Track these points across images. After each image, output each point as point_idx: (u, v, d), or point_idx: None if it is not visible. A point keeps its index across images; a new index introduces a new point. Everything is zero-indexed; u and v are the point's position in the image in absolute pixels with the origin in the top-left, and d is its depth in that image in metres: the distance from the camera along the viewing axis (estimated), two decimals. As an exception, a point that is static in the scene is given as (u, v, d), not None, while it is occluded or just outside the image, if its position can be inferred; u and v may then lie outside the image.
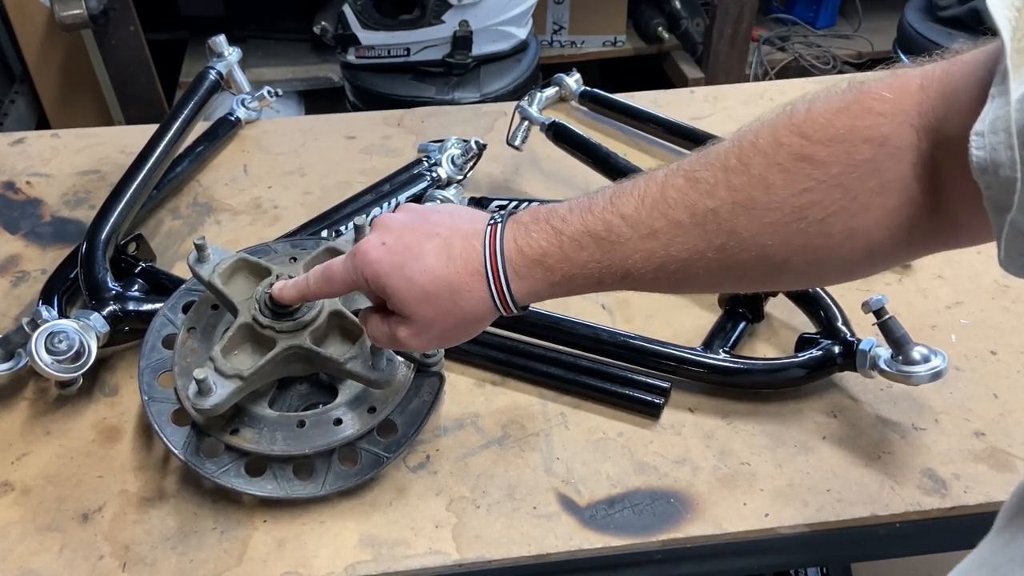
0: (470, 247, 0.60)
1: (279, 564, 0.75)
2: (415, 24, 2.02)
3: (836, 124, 0.51)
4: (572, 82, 1.35)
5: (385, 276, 0.61)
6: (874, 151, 0.51)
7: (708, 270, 0.57)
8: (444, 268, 0.60)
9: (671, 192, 0.56)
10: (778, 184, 0.52)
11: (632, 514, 0.78)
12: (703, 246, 0.55)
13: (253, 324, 0.73)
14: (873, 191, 0.51)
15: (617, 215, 0.57)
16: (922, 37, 2.23)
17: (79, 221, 1.14)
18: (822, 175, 0.51)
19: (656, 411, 0.86)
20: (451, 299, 0.60)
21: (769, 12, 2.93)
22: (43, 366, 0.79)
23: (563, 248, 0.58)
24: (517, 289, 0.60)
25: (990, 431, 0.85)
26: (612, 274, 0.58)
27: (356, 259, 0.63)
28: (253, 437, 0.76)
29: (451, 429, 0.86)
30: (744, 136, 0.55)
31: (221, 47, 1.25)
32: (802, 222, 0.52)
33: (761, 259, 0.55)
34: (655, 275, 0.58)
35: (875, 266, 0.56)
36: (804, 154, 0.52)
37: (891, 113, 0.51)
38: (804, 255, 0.54)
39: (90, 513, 0.79)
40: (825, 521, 0.78)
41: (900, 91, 0.51)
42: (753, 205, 0.53)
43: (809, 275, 0.57)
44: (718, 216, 0.54)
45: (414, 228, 0.62)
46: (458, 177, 1.14)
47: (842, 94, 0.53)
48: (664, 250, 0.56)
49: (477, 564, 0.75)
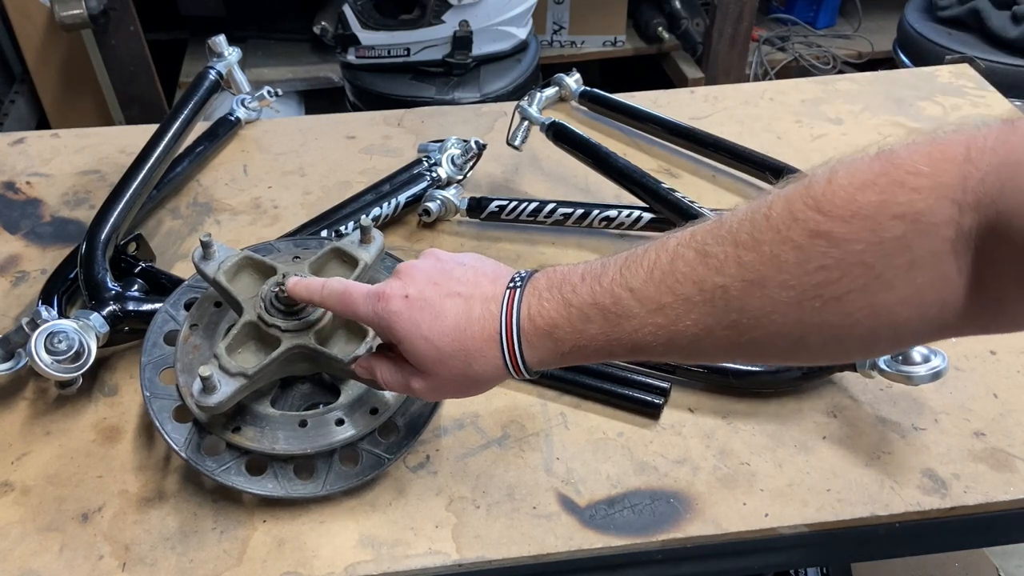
0: (488, 312, 0.61)
1: (279, 564, 0.75)
2: (415, 24, 2.02)
3: (859, 200, 0.47)
4: (572, 82, 1.35)
5: (403, 331, 0.62)
6: (904, 228, 0.46)
7: (720, 346, 0.55)
8: (462, 332, 0.61)
9: (680, 265, 0.54)
10: (791, 262, 0.49)
11: (632, 514, 0.78)
12: (712, 323, 0.53)
13: (258, 322, 0.73)
14: (900, 268, 0.47)
15: (625, 288, 0.56)
16: (922, 37, 2.23)
17: (79, 221, 1.14)
18: (840, 253, 0.48)
19: (656, 411, 0.87)
20: (466, 362, 0.61)
21: (769, 12, 2.93)
22: (43, 366, 0.79)
23: (571, 320, 0.58)
24: (529, 357, 0.60)
25: (990, 431, 0.85)
26: (621, 346, 0.57)
27: (378, 304, 0.63)
28: (255, 436, 0.76)
29: (451, 429, 0.86)
30: (758, 208, 0.52)
31: (221, 47, 1.25)
32: (817, 300, 0.50)
33: (775, 337, 0.52)
34: (665, 349, 0.56)
35: (901, 344, 0.53)
36: (820, 230, 0.48)
37: (927, 188, 0.46)
38: (821, 333, 0.51)
39: (90, 513, 0.79)
40: (825, 521, 0.78)
41: (940, 162, 0.46)
42: (764, 283, 0.51)
43: (829, 352, 0.54)
44: (727, 293, 0.52)
45: (436, 283, 0.62)
46: (458, 177, 1.14)
47: (868, 164, 0.49)
48: (673, 325, 0.55)
49: (477, 564, 0.75)
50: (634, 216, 1.06)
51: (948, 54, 1.77)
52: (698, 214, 1.01)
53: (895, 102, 1.36)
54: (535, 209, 1.08)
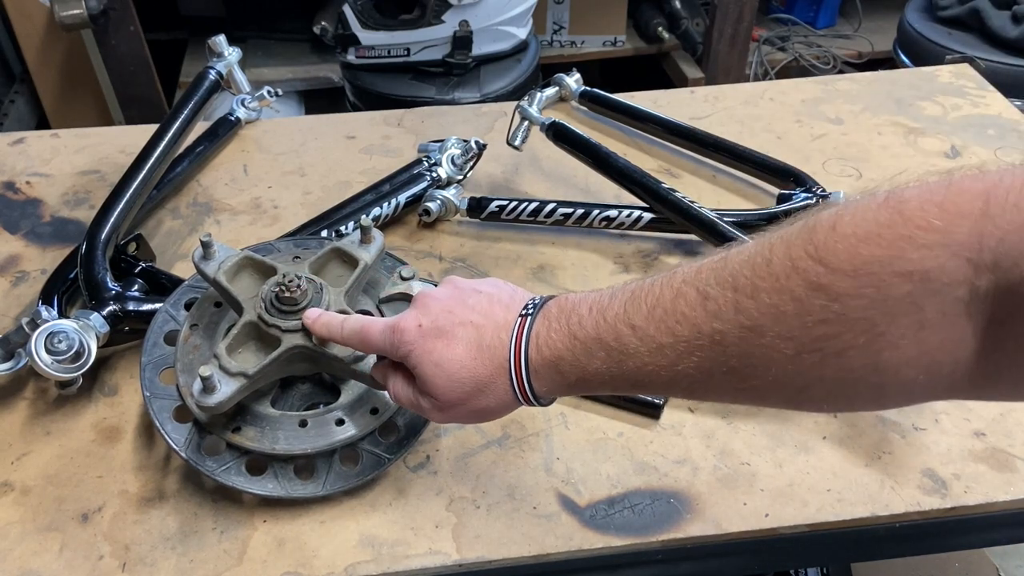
0: (498, 341, 0.61)
1: (279, 564, 0.75)
2: (415, 24, 2.02)
3: (863, 253, 0.44)
4: (572, 82, 1.35)
5: (416, 358, 0.63)
6: (912, 287, 0.43)
7: (721, 390, 0.53)
8: (473, 360, 0.61)
9: (682, 305, 0.52)
10: (790, 313, 0.47)
11: (632, 514, 0.78)
12: (711, 367, 0.52)
13: (258, 322, 0.73)
14: (907, 327, 0.44)
15: (628, 325, 0.55)
16: (922, 37, 2.23)
17: (79, 221, 1.14)
18: (841, 308, 0.45)
19: (656, 411, 0.86)
20: (476, 389, 0.62)
21: (769, 12, 2.93)
22: (43, 366, 0.79)
23: (575, 353, 0.58)
24: (538, 388, 0.61)
25: (990, 431, 0.85)
26: (625, 381, 0.57)
27: (394, 336, 0.64)
28: (255, 436, 0.76)
29: (451, 429, 0.86)
30: (761, 249, 0.49)
31: (221, 47, 1.25)
32: (816, 354, 0.47)
33: (776, 386, 0.50)
34: (667, 387, 0.56)
35: (911, 399, 0.50)
36: (820, 283, 0.45)
37: (939, 245, 0.42)
38: (823, 385, 0.49)
39: (90, 513, 0.79)
40: (825, 521, 0.78)
41: (954, 216, 0.42)
42: (762, 332, 0.48)
43: (833, 403, 0.52)
44: (725, 339, 0.50)
45: (451, 312, 0.63)
46: (458, 177, 1.14)
47: (875, 212, 0.45)
48: (673, 366, 0.53)
49: (477, 564, 0.75)
50: (634, 216, 1.06)
51: (948, 54, 1.76)
52: (698, 214, 1.01)
53: (895, 102, 1.36)
54: (535, 209, 1.08)
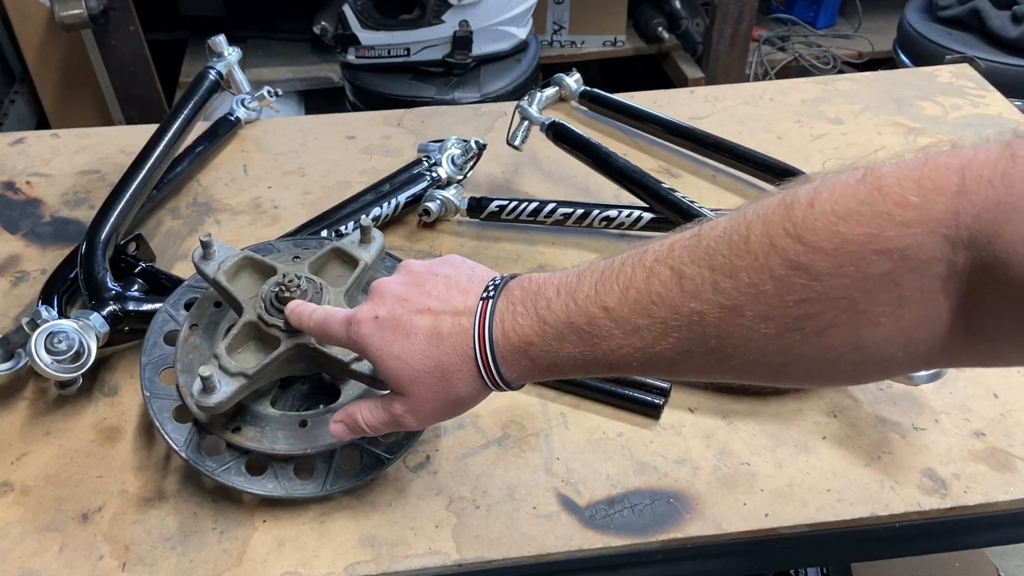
0: (459, 327, 0.59)
1: (279, 564, 0.75)
2: (415, 24, 2.02)
3: (842, 231, 0.43)
4: (572, 82, 1.35)
5: (376, 351, 0.61)
6: (891, 265, 0.43)
7: (700, 368, 0.52)
8: (434, 349, 0.59)
9: (656, 286, 0.51)
10: (769, 292, 0.46)
11: (632, 514, 0.78)
12: (690, 347, 0.51)
13: (258, 322, 0.73)
14: (887, 304, 0.44)
15: (600, 307, 0.53)
16: (922, 37, 2.23)
17: (79, 221, 1.14)
18: (821, 287, 0.45)
19: (656, 411, 0.86)
20: (443, 380, 0.59)
21: (769, 12, 2.94)
22: (43, 366, 0.79)
23: (546, 338, 0.56)
24: (507, 373, 0.59)
25: (990, 431, 0.85)
26: (598, 364, 0.55)
27: (351, 328, 0.63)
28: (255, 436, 0.76)
29: (451, 429, 0.86)
30: (737, 227, 0.48)
31: (221, 47, 1.25)
32: (797, 333, 0.47)
33: (756, 364, 0.50)
34: (643, 368, 0.54)
35: (890, 375, 0.50)
36: (800, 262, 0.45)
37: (917, 222, 0.42)
38: (804, 363, 0.48)
39: (90, 513, 0.79)
40: (825, 521, 0.78)
41: (931, 192, 0.42)
42: (742, 312, 0.47)
43: (814, 380, 0.51)
44: (704, 319, 0.49)
45: (406, 300, 0.61)
46: (458, 177, 1.14)
47: (853, 189, 0.44)
48: (650, 348, 0.52)
49: (477, 564, 0.75)
50: (634, 216, 1.06)
51: (948, 54, 1.76)
52: (698, 214, 1.01)
53: (895, 102, 1.36)
54: (535, 209, 1.08)
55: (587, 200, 1.10)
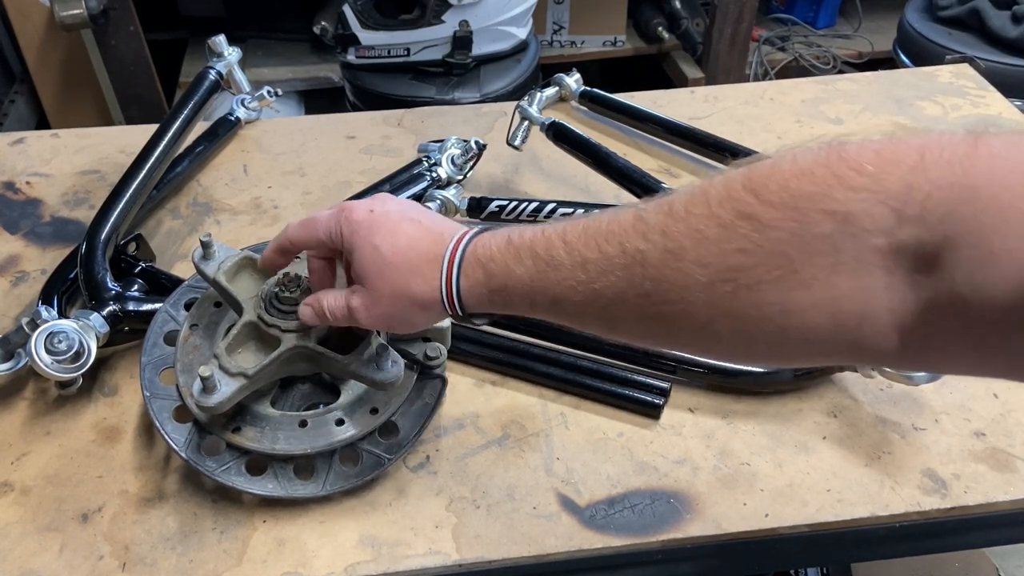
0: (440, 238, 0.63)
1: (279, 564, 0.75)
2: (415, 24, 2.02)
3: (792, 187, 0.44)
4: (572, 82, 1.35)
5: (358, 238, 0.64)
6: (834, 226, 0.43)
7: (633, 316, 0.53)
8: (410, 249, 0.63)
9: (615, 227, 0.53)
10: (712, 238, 0.47)
11: (632, 514, 0.78)
12: (627, 288, 0.52)
13: (258, 322, 0.73)
14: (821, 268, 0.44)
15: (561, 239, 0.56)
16: (922, 37, 2.23)
17: (79, 221, 1.14)
18: (761, 239, 0.45)
19: (656, 411, 0.87)
20: (405, 278, 0.63)
21: (769, 12, 2.94)
22: (43, 366, 0.79)
23: (506, 257, 0.59)
24: (463, 285, 0.61)
25: (990, 431, 0.85)
26: (543, 296, 0.57)
27: (342, 213, 0.66)
28: (255, 436, 0.76)
29: (451, 429, 0.86)
30: (704, 183, 0.50)
31: (221, 47, 1.25)
32: (729, 284, 0.47)
33: (684, 316, 0.50)
34: (581, 308, 0.56)
35: (812, 355, 0.50)
36: (748, 212, 0.46)
37: (867, 189, 0.42)
38: (730, 321, 0.49)
39: (90, 513, 0.79)
40: (825, 521, 0.78)
41: (887, 163, 0.42)
42: (682, 255, 0.49)
43: (737, 346, 0.51)
44: (646, 259, 0.50)
45: (402, 209, 0.66)
46: (458, 177, 1.14)
47: (815, 154, 0.45)
48: (592, 283, 0.54)
49: (477, 564, 0.75)
50: (634, 216, 1.06)
51: (948, 54, 1.76)
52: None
53: (895, 102, 1.36)
54: (535, 209, 1.08)
55: (587, 200, 1.10)
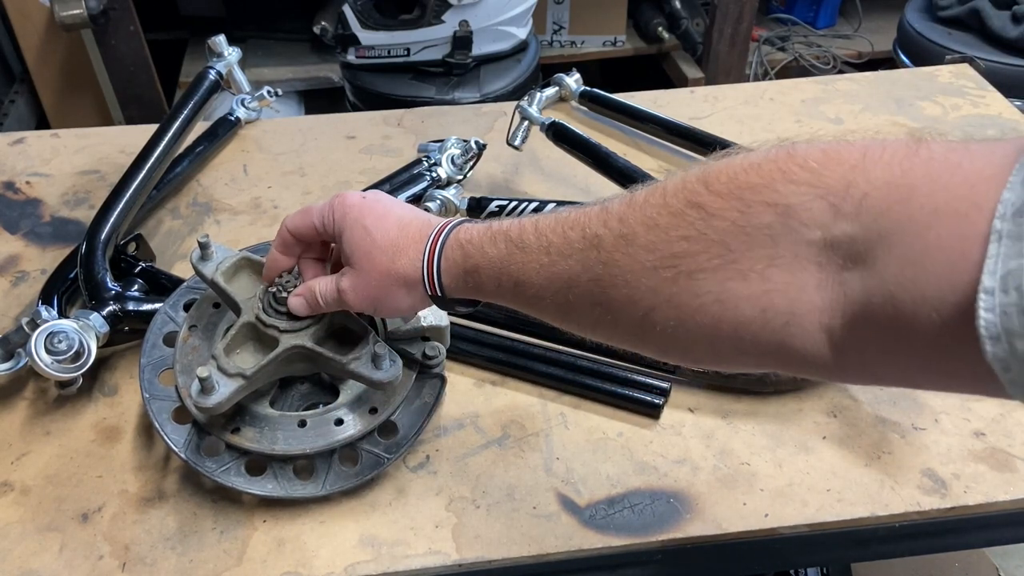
0: (427, 223, 0.67)
1: (279, 564, 0.75)
2: (415, 24, 2.02)
3: (740, 179, 0.47)
4: (572, 82, 1.35)
5: (350, 219, 0.67)
6: (773, 218, 0.45)
7: (583, 300, 0.55)
8: (399, 231, 0.66)
9: (580, 215, 0.56)
10: (661, 225, 0.50)
11: (632, 514, 0.78)
12: (580, 271, 0.55)
13: (256, 323, 0.73)
14: (758, 260, 0.46)
15: (533, 226, 0.59)
16: (922, 37, 2.23)
17: (79, 221, 1.14)
18: (704, 227, 0.47)
19: (656, 411, 0.87)
20: (392, 259, 0.66)
21: (769, 12, 2.93)
22: (43, 366, 0.79)
23: (482, 240, 0.62)
24: (443, 267, 0.64)
25: (990, 431, 0.85)
26: (508, 277, 0.60)
27: (336, 199, 0.69)
28: (254, 436, 0.76)
29: (451, 429, 0.86)
30: (667, 178, 0.53)
31: (221, 47, 1.25)
32: (671, 271, 0.49)
33: (628, 302, 0.52)
34: (538, 291, 0.58)
35: (742, 353, 0.50)
36: (697, 202, 0.48)
37: (807, 183, 0.44)
38: (668, 309, 0.50)
39: (90, 513, 0.79)
40: (825, 521, 0.78)
41: (830, 161, 0.44)
42: (633, 240, 0.51)
43: (677, 338, 0.52)
44: (601, 244, 0.53)
45: (393, 202, 0.69)
46: (458, 177, 1.14)
47: (767, 150, 0.47)
48: (551, 267, 0.56)
49: (477, 564, 0.75)
50: (634, 216, 1.06)
51: (948, 54, 1.76)
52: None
53: (895, 102, 1.36)
54: (535, 209, 1.08)
55: (587, 200, 1.10)
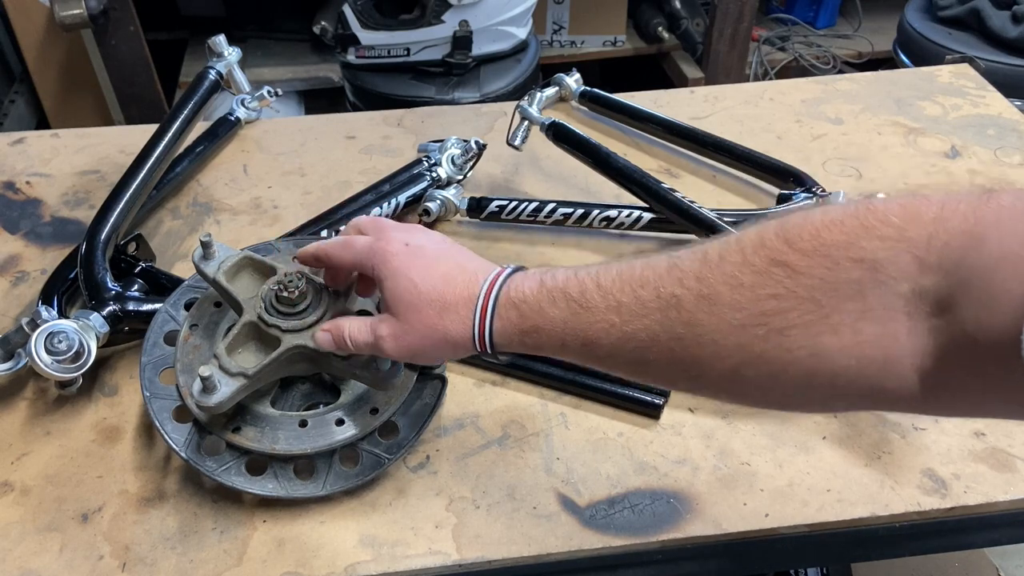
0: (473, 277, 0.64)
1: (279, 564, 0.75)
2: (415, 24, 2.02)
3: (824, 236, 0.48)
4: (572, 82, 1.35)
5: (393, 270, 0.65)
6: (862, 273, 0.46)
7: (663, 359, 0.55)
8: (447, 285, 0.63)
9: (648, 272, 0.55)
10: (746, 284, 0.50)
11: (632, 514, 0.78)
12: (660, 331, 0.54)
13: (258, 322, 0.73)
14: (850, 313, 0.47)
15: (594, 282, 0.58)
16: (922, 37, 2.23)
17: (79, 221, 1.14)
18: (793, 284, 0.48)
19: (656, 411, 0.87)
20: (439, 314, 0.63)
21: (769, 12, 2.94)
22: (43, 366, 0.79)
23: (539, 298, 0.60)
24: (496, 326, 0.62)
25: (990, 431, 0.85)
26: (575, 337, 0.58)
27: (378, 244, 0.67)
28: (255, 436, 0.76)
29: (451, 429, 0.86)
30: (737, 234, 0.53)
31: (221, 47, 1.25)
32: (761, 328, 0.49)
33: (715, 359, 0.52)
34: (611, 351, 0.57)
35: (836, 398, 0.52)
36: (781, 260, 0.49)
37: (893, 238, 0.46)
38: (759, 366, 0.51)
39: (90, 513, 0.79)
40: (825, 521, 0.78)
41: (911, 217, 0.46)
42: (717, 300, 0.51)
43: (765, 389, 0.53)
44: (681, 304, 0.53)
45: (438, 246, 0.67)
46: (458, 177, 1.14)
47: (844, 207, 0.49)
48: (624, 326, 0.55)
49: (477, 564, 0.75)
50: (634, 216, 1.06)
51: (948, 54, 1.76)
52: (698, 214, 1.01)
53: (895, 102, 1.36)
54: (535, 209, 1.08)
55: (587, 200, 1.10)
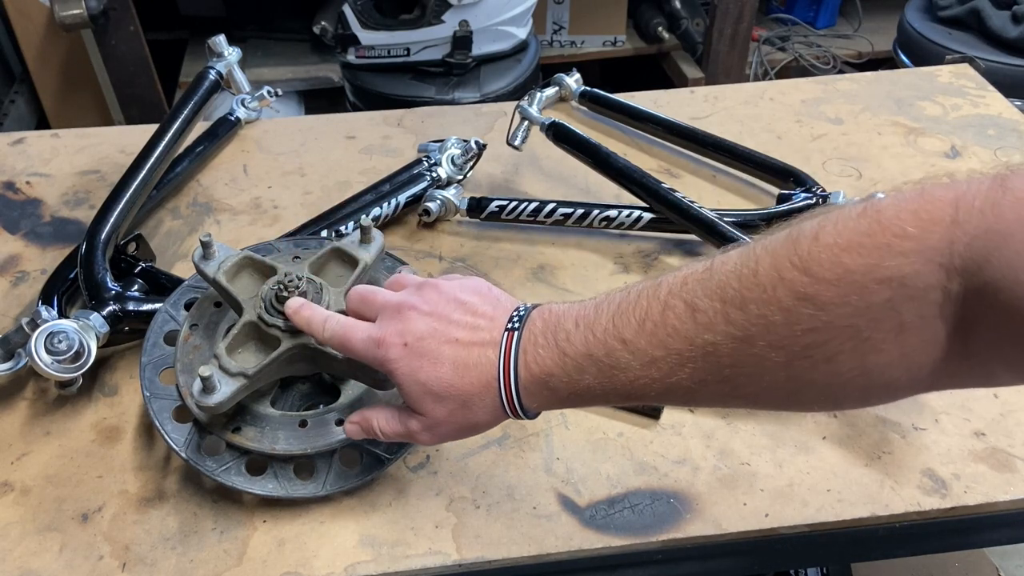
0: (485, 359, 0.61)
1: (279, 564, 0.75)
2: (415, 24, 2.02)
3: (846, 262, 0.46)
4: (572, 82, 1.35)
5: (401, 375, 0.63)
6: (892, 292, 0.45)
7: (717, 396, 0.55)
8: (460, 379, 0.61)
9: (671, 318, 0.53)
10: (779, 323, 0.49)
11: (632, 514, 0.78)
12: (706, 377, 0.53)
13: (258, 322, 0.73)
14: (889, 331, 0.47)
15: (618, 339, 0.55)
16: (922, 37, 2.23)
17: (79, 221, 1.14)
18: (827, 317, 0.47)
19: (656, 411, 0.86)
20: (463, 407, 0.62)
21: (769, 12, 2.94)
22: (43, 366, 0.79)
23: (566, 370, 0.58)
24: (528, 403, 0.61)
25: (990, 431, 0.85)
26: (617, 394, 0.57)
27: (378, 351, 0.63)
28: (255, 436, 0.76)
29: (451, 429, 0.86)
30: (747, 260, 0.51)
31: (221, 47, 1.25)
32: (807, 360, 0.49)
33: (770, 391, 0.52)
34: (661, 397, 0.57)
35: (897, 396, 0.52)
36: (807, 293, 0.47)
37: (915, 252, 0.45)
38: (814, 389, 0.50)
39: (90, 513, 0.79)
40: (825, 521, 0.78)
41: (927, 223, 0.45)
42: (753, 342, 0.50)
43: (824, 404, 0.54)
44: (718, 350, 0.51)
45: (435, 330, 0.62)
46: (458, 177, 1.14)
47: (855, 222, 0.47)
48: (667, 378, 0.54)
49: (477, 564, 0.75)
50: (634, 216, 1.06)
51: (948, 54, 1.76)
52: (698, 214, 1.01)
53: (895, 102, 1.36)
54: (535, 209, 1.08)
55: (587, 200, 1.10)
